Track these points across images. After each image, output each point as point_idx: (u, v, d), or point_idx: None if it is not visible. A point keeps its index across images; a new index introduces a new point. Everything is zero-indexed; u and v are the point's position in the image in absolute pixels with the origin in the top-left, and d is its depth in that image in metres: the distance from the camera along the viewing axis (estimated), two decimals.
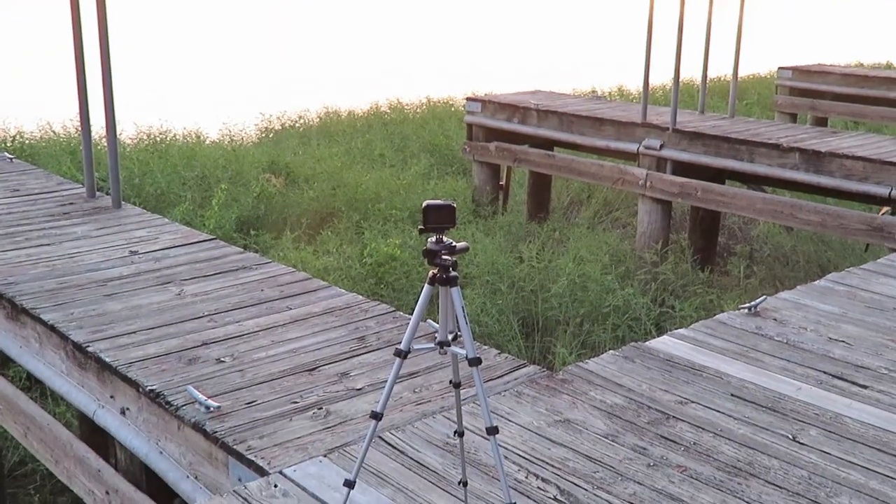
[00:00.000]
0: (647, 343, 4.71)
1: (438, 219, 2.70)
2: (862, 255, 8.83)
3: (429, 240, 2.74)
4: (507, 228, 10.36)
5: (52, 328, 4.79)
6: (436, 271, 2.75)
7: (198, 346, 4.57)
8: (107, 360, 4.39)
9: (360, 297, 5.39)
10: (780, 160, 8.75)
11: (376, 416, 2.83)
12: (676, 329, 5.01)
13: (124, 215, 7.02)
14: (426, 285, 2.78)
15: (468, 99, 12.01)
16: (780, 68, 16.03)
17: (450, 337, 2.87)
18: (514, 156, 11.10)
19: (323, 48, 32.76)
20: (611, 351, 4.63)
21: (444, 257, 2.74)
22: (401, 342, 2.85)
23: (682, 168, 9.54)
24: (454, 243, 2.75)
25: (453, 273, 2.74)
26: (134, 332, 4.72)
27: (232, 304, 5.16)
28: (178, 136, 13.44)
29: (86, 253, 6.03)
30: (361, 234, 9.56)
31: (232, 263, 5.89)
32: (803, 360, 4.48)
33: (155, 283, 5.49)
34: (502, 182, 11.67)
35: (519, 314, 7.83)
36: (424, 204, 2.67)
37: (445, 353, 2.88)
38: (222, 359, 4.43)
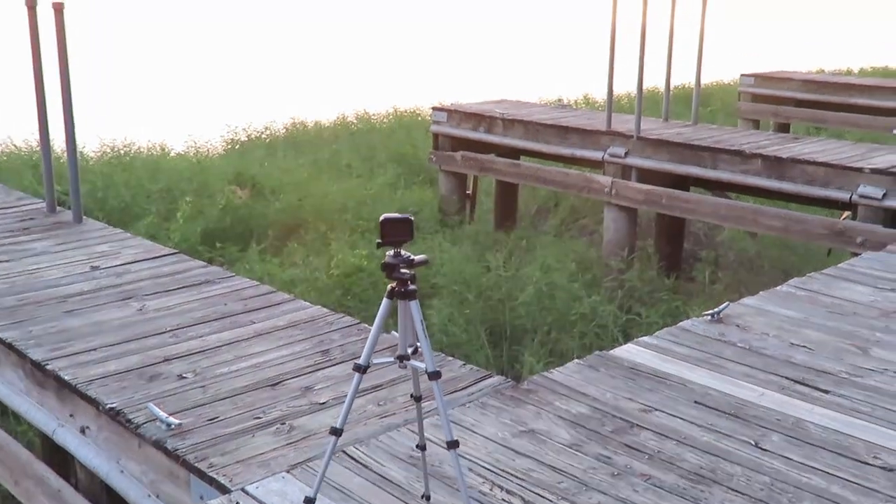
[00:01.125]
0: (611, 352, 4.72)
1: (396, 232, 2.69)
2: (825, 259, 8.93)
3: (387, 253, 2.73)
4: (475, 237, 10.36)
5: (10, 346, 4.72)
6: (394, 285, 2.74)
7: (159, 363, 4.53)
8: (66, 378, 4.33)
9: (325, 309, 5.37)
10: (743, 166, 8.83)
11: (336, 432, 2.81)
12: (642, 336, 5.03)
13: (85, 230, 6.94)
14: (385, 299, 2.77)
15: (434, 108, 12.01)
16: (742, 75, 16.18)
17: (410, 350, 2.86)
18: (480, 165, 11.11)
19: (289, 61, 32.65)
20: (575, 360, 4.64)
21: (402, 271, 2.73)
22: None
23: (646, 175, 9.59)
24: (412, 256, 2.74)
25: (412, 287, 2.73)
26: (94, 349, 4.66)
27: (195, 318, 5.11)
28: (142, 149, 13.31)
29: (45, 269, 5.95)
30: (328, 246, 9.51)
31: (195, 277, 5.84)
32: (765, 365, 4.51)
33: (116, 298, 5.43)
34: (469, 191, 11.68)
35: (486, 323, 7.82)
36: (382, 218, 2.67)
37: (405, 367, 2.86)
38: (184, 375, 4.39)
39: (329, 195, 10.98)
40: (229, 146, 15.09)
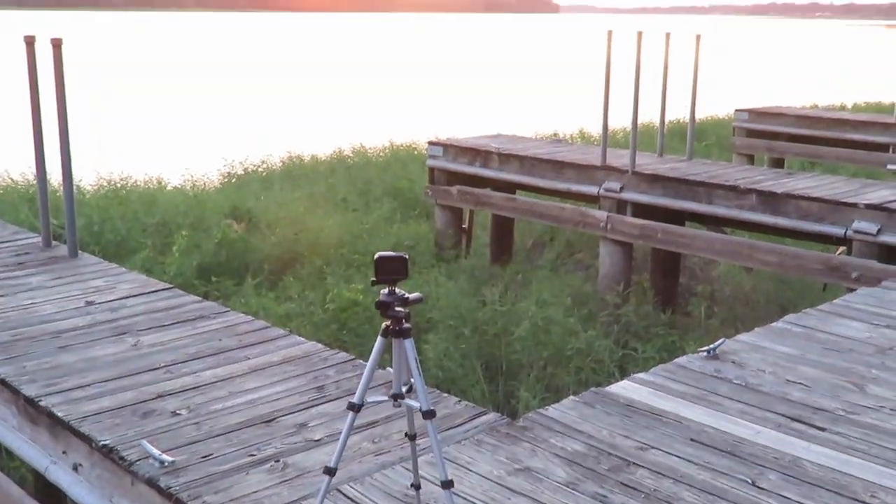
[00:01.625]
0: (607, 388, 4.70)
1: (390, 270, 2.69)
2: (821, 294, 8.93)
3: (381, 292, 2.73)
4: (470, 272, 10.35)
5: (3, 382, 4.69)
6: (389, 323, 2.74)
7: (153, 399, 4.50)
8: (59, 414, 4.30)
9: (320, 345, 5.35)
10: (738, 201, 8.87)
11: (330, 472, 2.79)
12: (638, 372, 5.02)
13: (81, 265, 6.93)
14: (380, 337, 2.77)
15: (430, 143, 12.06)
16: (736, 110, 16.29)
17: (404, 388, 2.84)
18: (476, 199, 11.15)
19: (286, 95, 32.85)
20: (571, 396, 4.62)
21: (397, 309, 2.72)
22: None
23: (642, 210, 9.62)
24: (407, 295, 2.74)
25: (406, 325, 2.73)
26: (88, 385, 4.64)
27: (189, 354, 5.10)
28: (138, 183, 13.33)
29: (40, 304, 5.93)
30: (324, 280, 9.50)
31: (190, 312, 5.82)
32: (762, 402, 4.49)
33: (111, 333, 5.41)
34: (465, 225, 11.70)
35: (482, 358, 7.79)
36: (376, 256, 2.67)
37: (400, 406, 2.85)
38: (178, 411, 4.36)
39: (325, 229, 10.99)
40: (226, 180, 15.12)
